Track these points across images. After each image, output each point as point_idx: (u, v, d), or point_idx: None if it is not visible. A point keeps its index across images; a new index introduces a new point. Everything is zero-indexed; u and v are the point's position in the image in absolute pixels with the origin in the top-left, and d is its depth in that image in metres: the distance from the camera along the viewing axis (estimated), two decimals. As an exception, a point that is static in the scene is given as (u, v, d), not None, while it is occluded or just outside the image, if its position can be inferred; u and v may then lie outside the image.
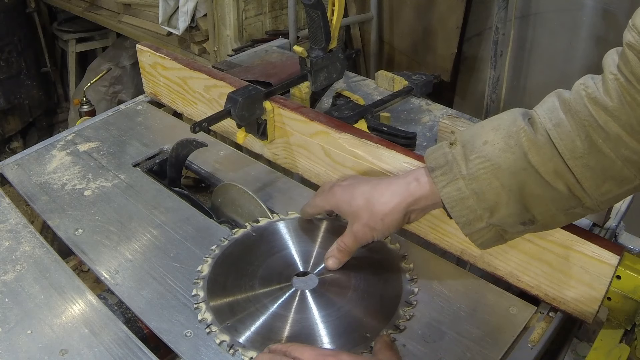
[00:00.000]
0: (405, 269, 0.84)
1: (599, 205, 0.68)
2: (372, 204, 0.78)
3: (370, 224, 0.78)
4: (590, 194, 0.67)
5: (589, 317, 0.75)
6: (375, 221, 0.78)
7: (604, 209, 0.73)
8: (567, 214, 0.70)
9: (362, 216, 0.79)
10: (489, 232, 0.72)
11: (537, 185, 0.68)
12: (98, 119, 1.25)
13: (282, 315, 0.76)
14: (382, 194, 0.78)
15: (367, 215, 0.78)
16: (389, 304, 0.78)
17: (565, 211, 0.69)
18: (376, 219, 0.78)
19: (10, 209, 0.97)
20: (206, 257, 0.85)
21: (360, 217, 0.79)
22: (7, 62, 3.06)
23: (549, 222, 0.71)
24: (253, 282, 0.81)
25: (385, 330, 0.74)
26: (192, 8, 2.20)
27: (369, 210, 0.78)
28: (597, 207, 0.69)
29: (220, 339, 0.73)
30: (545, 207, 0.69)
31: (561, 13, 1.75)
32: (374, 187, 0.79)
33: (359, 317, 0.76)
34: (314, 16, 1.05)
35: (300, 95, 1.18)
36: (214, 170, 1.10)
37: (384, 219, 0.77)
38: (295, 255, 0.86)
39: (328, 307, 0.77)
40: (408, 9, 2.20)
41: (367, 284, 0.81)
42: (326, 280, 0.81)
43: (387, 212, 0.77)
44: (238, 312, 0.76)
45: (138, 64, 1.29)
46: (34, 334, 0.75)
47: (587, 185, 0.66)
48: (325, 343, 0.72)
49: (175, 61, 1.18)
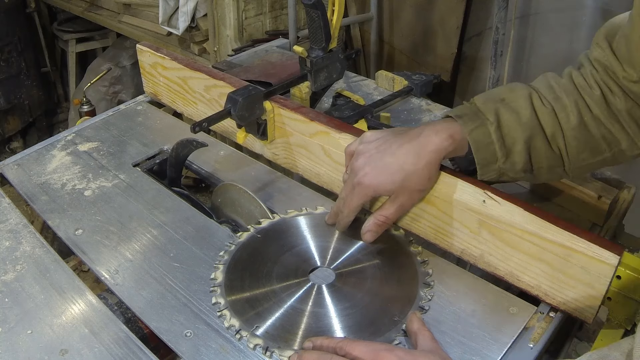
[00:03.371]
0: (416, 253, 0.85)
1: (574, 171, 0.83)
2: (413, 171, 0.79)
3: (419, 187, 0.82)
4: (571, 158, 0.81)
5: (589, 317, 0.75)
6: (423, 183, 0.81)
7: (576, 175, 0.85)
8: (551, 171, 0.83)
9: (407, 186, 0.80)
10: (494, 173, 0.81)
11: (540, 141, 0.80)
12: (98, 119, 1.25)
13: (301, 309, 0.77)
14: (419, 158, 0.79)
15: (414, 183, 0.80)
16: (408, 288, 0.80)
17: (550, 168, 0.83)
18: (424, 181, 0.81)
19: (10, 209, 0.98)
20: (217, 264, 0.85)
21: (405, 187, 0.81)
22: (7, 62, 3.06)
23: (537, 174, 0.83)
24: (270, 281, 0.81)
25: (412, 312, 0.75)
26: (192, 8, 2.20)
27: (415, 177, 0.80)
28: (571, 171, 0.83)
29: (254, 343, 0.72)
30: (540, 161, 0.82)
31: (561, 13, 1.75)
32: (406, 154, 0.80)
33: (382, 303, 0.77)
34: (314, 16, 1.05)
35: (300, 95, 1.18)
36: (214, 170, 1.10)
37: (431, 177, 0.81)
38: (312, 251, 0.86)
39: (351, 298, 0.78)
40: (408, 9, 2.20)
41: (383, 272, 0.82)
42: (343, 273, 0.82)
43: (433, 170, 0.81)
44: (262, 312, 0.76)
45: (138, 64, 1.29)
46: (34, 334, 0.75)
47: (571, 151, 0.81)
48: (357, 332, 0.73)
49: (175, 61, 1.18)
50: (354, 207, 0.84)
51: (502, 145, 0.80)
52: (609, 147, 0.81)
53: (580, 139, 0.80)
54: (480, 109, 0.81)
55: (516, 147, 0.80)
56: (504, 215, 0.77)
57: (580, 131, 0.80)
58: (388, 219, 0.83)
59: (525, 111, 0.80)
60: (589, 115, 0.79)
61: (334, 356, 0.65)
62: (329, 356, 0.65)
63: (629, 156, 0.82)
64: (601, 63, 0.80)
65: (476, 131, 0.80)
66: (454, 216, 0.83)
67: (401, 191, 0.81)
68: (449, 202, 0.83)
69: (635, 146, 0.81)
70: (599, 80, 0.80)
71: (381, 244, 0.87)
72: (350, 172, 0.84)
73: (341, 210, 0.85)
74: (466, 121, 0.80)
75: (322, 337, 0.70)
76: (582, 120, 0.79)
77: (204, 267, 0.85)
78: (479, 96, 0.84)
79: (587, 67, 0.82)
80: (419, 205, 0.86)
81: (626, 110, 0.79)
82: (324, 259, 0.85)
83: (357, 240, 0.88)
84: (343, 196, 0.85)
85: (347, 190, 0.84)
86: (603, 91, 0.79)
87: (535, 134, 0.80)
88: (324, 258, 0.85)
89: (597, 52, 0.81)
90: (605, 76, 0.80)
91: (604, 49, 0.80)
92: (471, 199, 0.80)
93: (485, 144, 0.80)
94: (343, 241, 0.88)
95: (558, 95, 0.81)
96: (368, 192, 0.81)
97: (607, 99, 0.79)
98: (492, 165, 0.81)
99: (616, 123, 0.79)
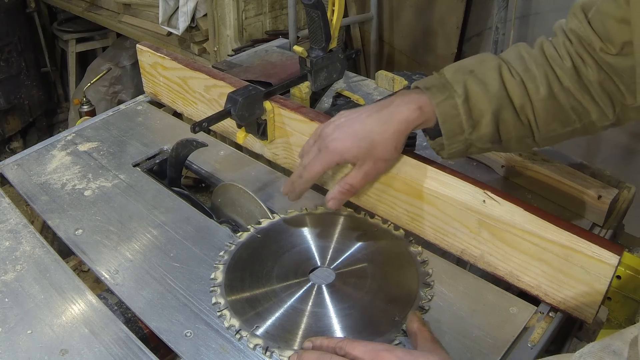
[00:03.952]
0: (416, 253, 0.85)
1: (543, 141, 0.83)
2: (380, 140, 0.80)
3: (385, 156, 0.82)
4: (541, 129, 0.81)
5: (589, 317, 0.75)
6: (389, 152, 0.82)
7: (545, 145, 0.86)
8: (520, 141, 0.83)
9: (373, 154, 0.81)
10: (461, 144, 0.81)
11: (509, 112, 0.80)
12: (98, 119, 1.25)
13: (301, 309, 0.77)
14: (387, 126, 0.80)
15: (380, 151, 0.81)
16: (408, 288, 0.80)
17: (519, 138, 0.82)
18: (390, 150, 0.81)
19: (10, 209, 0.98)
20: (217, 264, 0.85)
21: (371, 155, 0.81)
22: (7, 62, 3.06)
23: (506, 145, 0.83)
24: (270, 281, 0.81)
25: (412, 312, 0.75)
26: (192, 8, 2.20)
27: (382, 145, 0.81)
28: (541, 142, 0.83)
29: (254, 343, 0.72)
30: (508, 132, 0.81)
31: (561, 13, 1.75)
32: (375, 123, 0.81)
33: (382, 303, 0.77)
34: (314, 16, 1.05)
35: (300, 95, 1.18)
36: (214, 170, 1.10)
37: (397, 147, 0.82)
38: (312, 251, 0.86)
39: (351, 298, 0.78)
40: (408, 9, 2.20)
41: (383, 272, 0.82)
42: (343, 273, 0.82)
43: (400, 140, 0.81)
44: (262, 312, 0.76)
45: (138, 64, 1.29)
46: (34, 334, 0.75)
47: (540, 122, 0.81)
48: (357, 332, 0.73)
49: (175, 61, 1.18)
50: (315, 172, 0.84)
51: (470, 117, 0.80)
52: (579, 118, 0.81)
53: (550, 110, 0.80)
54: (448, 81, 0.81)
55: (484, 119, 0.80)
56: (504, 215, 0.77)
57: (549, 102, 0.80)
58: (353, 186, 0.84)
59: (494, 83, 0.80)
60: (559, 87, 0.79)
61: (334, 356, 0.65)
62: (329, 356, 0.65)
63: (599, 127, 0.82)
64: (576, 34, 0.79)
65: (443, 103, 0.79)
66: (454, 216, 0.83)
67: (367, 158, 0.82)
68: (448, 202, 0.83)
69: (605, 117, 0.80)
70: (571, 51, 0.80)
71: (381, 244, 0.87)
72: (318, 137, 0.85)
73: (300, 176, 0.86)
74: (434, 93, 0.80)
75: (321, 337, 0.70)
76: (552, 92, 0.79)
77: (204, 267, 0.85)
78: (449, 67, 0.83)
79: (560, 37, 0.82)
80: (419, 205, 0.86)
81: (598, 82, 0.78)
82: (324, 259, 0.85)
83: (357, 240, 0.88)
84: (305, 162, 0.85)
85: (310, 155, 0.85)
86: (575, 62, 0.79)
87: (504, 105, 0.80)
88: (324, 258, 0.85)
89: (573, 22, 0.80)
90: (580, 47, 0.79)
91: (581, 20, 0.79)
92: (471, 198, 0.80)
93: (452, 116, 0.80)
94: (343, 241, 0.88)
95: (528, 67, 0.80)
96: (334, 157, 0.82)
97: (578, 70, 0.79)
98: (459, 136, 0.81)
99: (586, 94, 0.79)
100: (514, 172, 1.05)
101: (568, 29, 0.81)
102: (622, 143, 1.93)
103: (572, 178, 0.99)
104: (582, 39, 0.79)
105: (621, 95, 0.79)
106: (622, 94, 0.79)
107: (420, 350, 0.68)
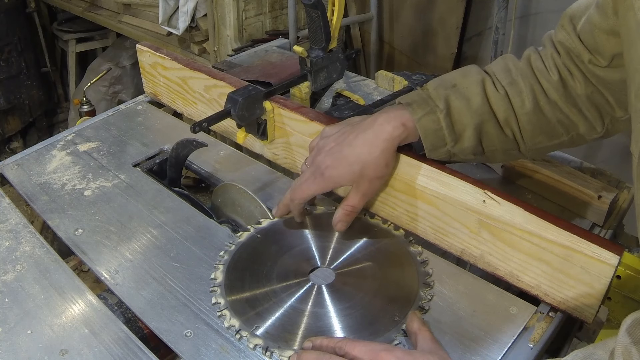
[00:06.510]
0: (416, 253, 0.85)
1: (530, 153, 0.85)
2: (370, 160, 0.82)
3: (377, 174, 0.83)
4: (527, 142, 0.83)
5: (589, 317, 0.75)
6: (381, 170, 0.83)
7: (533, 157, 0.87)
8: (505, 153, 0.85)
9: (366, 175, 0.83)
10: (444, 155, 0.84)
11: (492, 126, 0.81)
12: (98, 119, 1.25)
13: (301, 309, 0.77)
14: (373, 147, 0.81)
15: (372, 171, 0.82)
16: (408, 288, 0.80)
17: (505, 150, 0.84)
18: (381, 168, 0.83)
19: (10, 209, 0.98)
20: (217, 264, 0.85)
21: (365, 176, 0.83)
22: (7, 62, 3.06)
23: (490, 156, 0.86)
24: (270, 281, 0.81)
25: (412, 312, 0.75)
26: (192, 8, 2.20)
27: (372, 165, 0.82)
28: (528, 153, 0.85)
29: (254, 343, 0.72)
30: (492, 145, 0.83)
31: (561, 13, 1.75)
32: (362, 145, 0.82)
33: (382, 303, 0.77)
34: (314, 16, 1.05)
35: (300, 95, 1.18)
36: (214, 170, 1.10)
37: (388, 164, 0.83)
38: (312, 251, 0.86)
39: (351, 298, 0.78)
40: (408, 9, 2.20)
41: (383, 272, 0.82)
42: (343, 273, 0.82)
43: (389, 157, 0.83)
44: (262, 312, 0.76)
45: (138, 64, 1.29)
46: (34, 334, 0.75)
47: (525, 135, 0.82)
48: (357, 332, 0.73)
49: (175, 61, 1.18)
50: (307, 195, 0.86)
51: (452, 131, 0.81)
52: (566, 131, 0.81)
53: (535, 123, 0.81)
54: (430, 96, 0.82)
55: (466, 133, 0.81)
56: (504, 215, 0.77)
57: (535, 115, 0.80)
58: (354, 207, 0.86)
59: (477, 97, 0.81)
60: (545, 100, 0.80)
61: (333, 356, 0.65)
62: (329, 356, 0.65)
63: (587, 139, 0.83)
64: (565, 46, 0.80)
65: (425, 118, 0.81)
66: (454, 216, 0.83)
67: (361, 180, 0.83)
68: (449, 202, 0.83)
69: (594, 130, 0.81)
70: (559, 63, 0.80)
71: (381, 244, 0.87)
72: (312, 165, 0.86)
73: (293, 199, 0.87)
74: (415, 108, 0.81)
75: (321, 337, 0.70)
76: (538, 105, 0.80)
77: (204, 267, 0.85)
78: (432, 81, 0.85)
79: (548, 49, 0.82)
80: (419, 206, 0.86)
81: (586, 95, 0.79)
82: (324, 259, 0.85)
83: (357, 240, 0.88)
84: (297, 185, 0.87)
85: (304, 178, 0.86)
86: (562, 75, 0.79)
87: (486, 119, 0.81)
88: (324, 258, 0.85)
89: (561, 34, 0.81)
90: (567, 60, 0.80)
91: (569, 32, 0.79)
92: (471, 199, 0.80)
93: (434, 130, 0.81)
94: (343, 241, 0.88)
95: (514, 79, 0.81)
96: (328, 184, 0.85)
97: (566, 83, 0.79)
98: (441, 148, 0.83)
99: (573, 107, 0.80)
100: (514, 172, 1.05)
101: (556, 40, 0.81)
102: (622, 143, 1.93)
103: (572, 178, 0.99)
104: (570, 51, 0.79)
105: (610, 108, 0.79)
106: (612, 107, 0.79)
107: (420, 350, 0.68)
